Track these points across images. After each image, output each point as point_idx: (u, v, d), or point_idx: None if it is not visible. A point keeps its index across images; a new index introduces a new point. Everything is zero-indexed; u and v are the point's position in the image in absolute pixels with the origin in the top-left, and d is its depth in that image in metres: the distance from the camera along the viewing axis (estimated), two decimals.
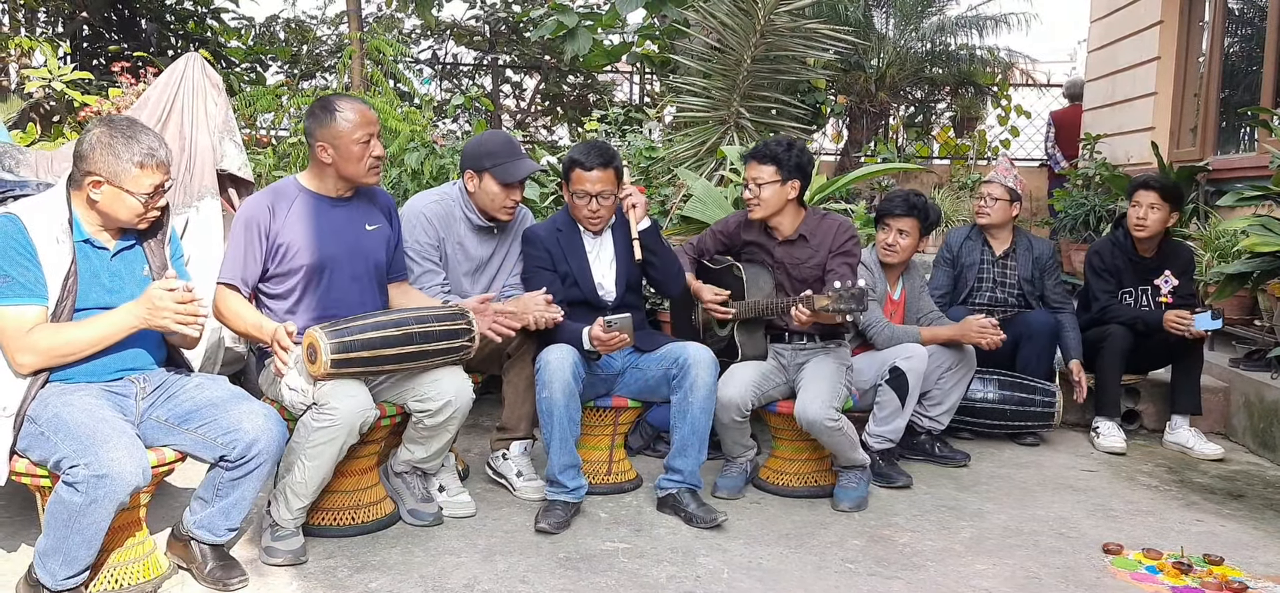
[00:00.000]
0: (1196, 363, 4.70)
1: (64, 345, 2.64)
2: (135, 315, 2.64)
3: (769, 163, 3.68)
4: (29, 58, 8.46)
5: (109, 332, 2.67)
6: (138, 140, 2.67)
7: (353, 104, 3.19)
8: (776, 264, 3.78)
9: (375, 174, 3.25)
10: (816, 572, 3.10)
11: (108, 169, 2.65)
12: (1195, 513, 3.81)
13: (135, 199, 2.68)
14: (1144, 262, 4.84)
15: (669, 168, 6.39)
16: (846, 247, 3.71)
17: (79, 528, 2.48)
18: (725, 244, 3.97)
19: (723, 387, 3.59)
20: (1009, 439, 4.69)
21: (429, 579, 2.94)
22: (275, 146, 6.49)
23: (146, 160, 2.67)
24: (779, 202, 3.72)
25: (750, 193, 3.75)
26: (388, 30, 11.38)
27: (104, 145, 2.65)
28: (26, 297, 2.62)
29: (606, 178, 3.60)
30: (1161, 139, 7.82)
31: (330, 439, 2.94)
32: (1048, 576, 3.13)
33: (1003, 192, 4.76)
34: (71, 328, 2.65)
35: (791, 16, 6.72)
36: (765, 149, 3.73)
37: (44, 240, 2.65)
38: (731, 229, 3.95)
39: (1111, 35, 9.00)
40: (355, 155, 3.17)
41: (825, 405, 3.50)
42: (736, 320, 3.79)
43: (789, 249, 3.77)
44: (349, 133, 3.14)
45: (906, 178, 9.88)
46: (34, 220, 2.65)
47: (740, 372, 3.68)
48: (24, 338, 2.60)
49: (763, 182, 3.69)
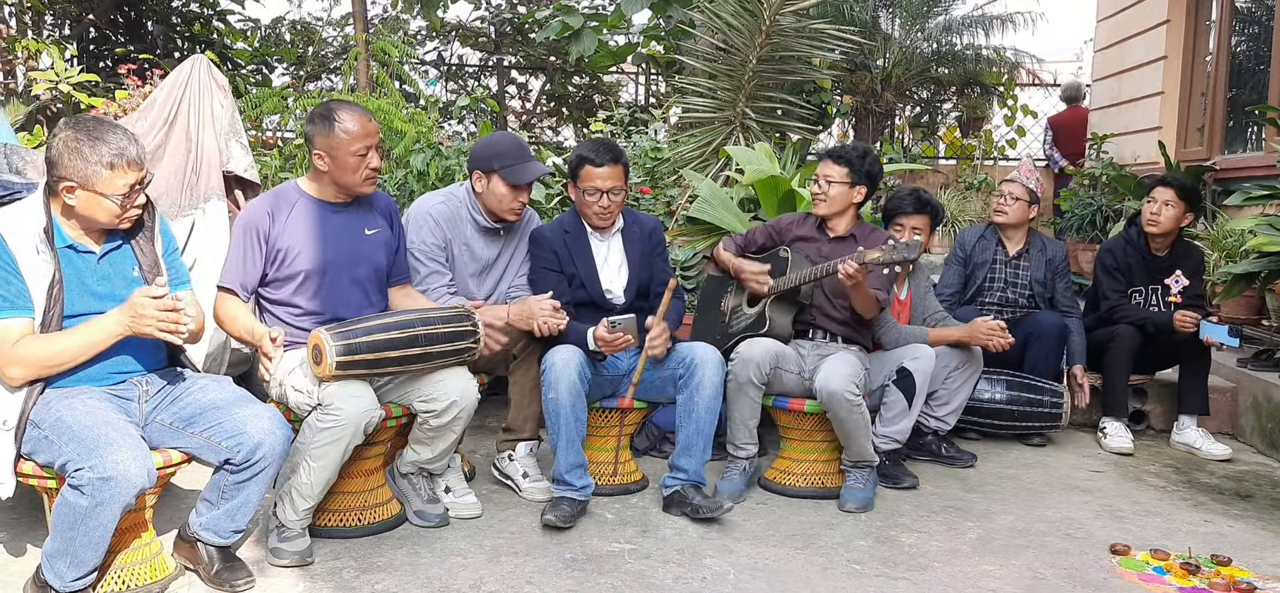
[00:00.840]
0: (1204, 363, 4.68)
1: (52, 356, 2.60)
2: (120, 322, 2.59)
3: (842, 164, 3.85)
4: (36, 60, 8.48)
5: (96, 339, 2.62)
6: (105, 141, 2.59)
7: (353, 114, 3.16)
8: (823, 259, 3.82)
9: (370, 184, 3.24)
10: (823, 573, 3.09)
11: (78, 173, 2.58)
12: (1203, 514, 3.79)
13: (110, 201, 2.61)
14: (1156, 261, 4.83)
15: (674, 169, 6.39)
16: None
17: (85, 530, 2.48)
18: (774, 239, 4.04)
19: (745, 347, 3.64)
20: (1016, 440, 4.67)
21: (435, 580, 2.94)
22: (281, 148, 6.51)
23: (117, 160, 2.59)
24: (844, 202, 3.87)
25: (819, 188, 3.88)
26: (393, 32, 11.39)
27: (72, 149, 2.57)
28: (9, 310, 2.58)
29: (616, 174, 3.63)
30: (1168, 138, 7.81)
31: (335, 440, 2.94)
32: (1054, 576, 3.12)
33: (1024, 192, 4.74)
34: (59, 338, 2.61)
35: (797, 17, 6.71)
36: (842, 151, 3.92)
37: (24, 251, 2.59)
38: (783, 226, 4.05)
39: (1118, 34, 8.98)
40: (351, 166, 3.17)
41: (846, 380, 3.52)
42: (774, 294, 3.83)
43: (838, 246, 3.84)
44: (346, 144, 3.13)
45: (913, 178, 9.87)
46: (11, 232, 2.60)
47: (763, 340, 3.72)
48: (11, 351, 2.56)
49: (833, 180, 3.85)
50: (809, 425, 3.79)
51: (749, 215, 5.23)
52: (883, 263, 3.46)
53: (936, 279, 4.86)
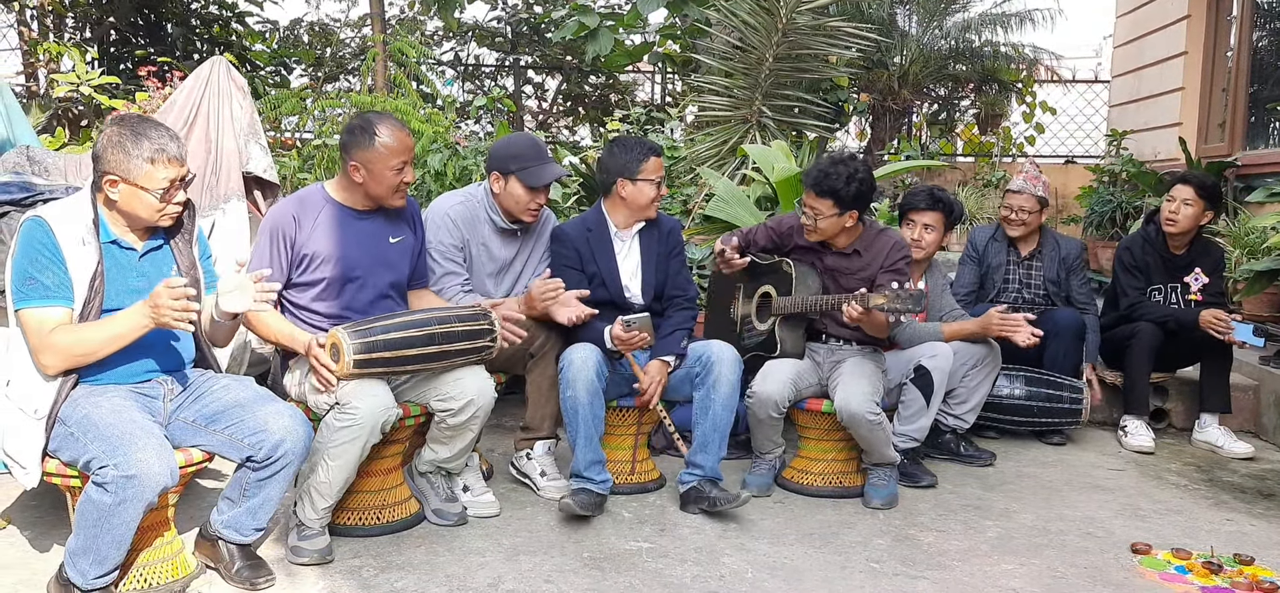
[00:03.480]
0: (1226, 361, 4.64)
1: (81, 345, 2.64)
2: (143, 314, 2.63)
3: (827, 197, 3.63)
4: (57, 63, 8.56)
5: (122, 330, 2.66)
6: (147, 137, 2.67)
7: (392, 130, 3.18)
8: (826, 270, 3.79)
9: (401, 198, 3.28)
10: (841, 571, 3.09)
11: (120, 167, 2.66)
12: (1225, 512, 3.76)
13: (151, 195, 2.69)
14: (1174, 259, 4.78)
15: (691, 167, 6.39)
16: (898, 265, 3.71)
17: (109, 528, 2.50)
18: (776, 241, 3.96)
19: (762, 382, 3.61)
20: (1035, 438, 4.65)
21: (454, 579, 2.95)
22: (300, 149, 6.54)
23: (157, 155, 2.67)
24: (835, 229, 3.72)
25: (807, 219, 3.73)
26: (410, 32, 11.43)
27: (115, 144, 2.66)
28: (50, 299, 2.63)
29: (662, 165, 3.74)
30: (1189, 135, 7.74)
31: (353, 439, 2.96)
32: (1075, 575, 3.10)
33: (1034, 203, 4.68)
34: (87, 328, 2.66)
35: (814, 14, 6.70)
36: (825, 183, 3.62)
37: (70, 243, 2.66)
38: (784, 230, 3.95)
39: (1138, 30, 8.92)
40: (388, 182, 3.20)
41: (867, 399, 3.50)
42: (781, 316, 3.80)
43: (841, 259, 3.79)
44: (385, 159, 3.17)
45: (930, 175, 9.83)
46: (60, 223, 2.67)
47: (779, 369, 3.69)
48: (46, 338, 2.62)
49: (821, 214, 3.67)
50: (826, 424, 3.78)
51: (766, 213, 5.22)
52: (887, 311, 3.36)
53: (953, 277, 4.83)
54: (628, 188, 3.68)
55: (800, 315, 3.79)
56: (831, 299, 3.61)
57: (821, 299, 3.67)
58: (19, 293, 2.63)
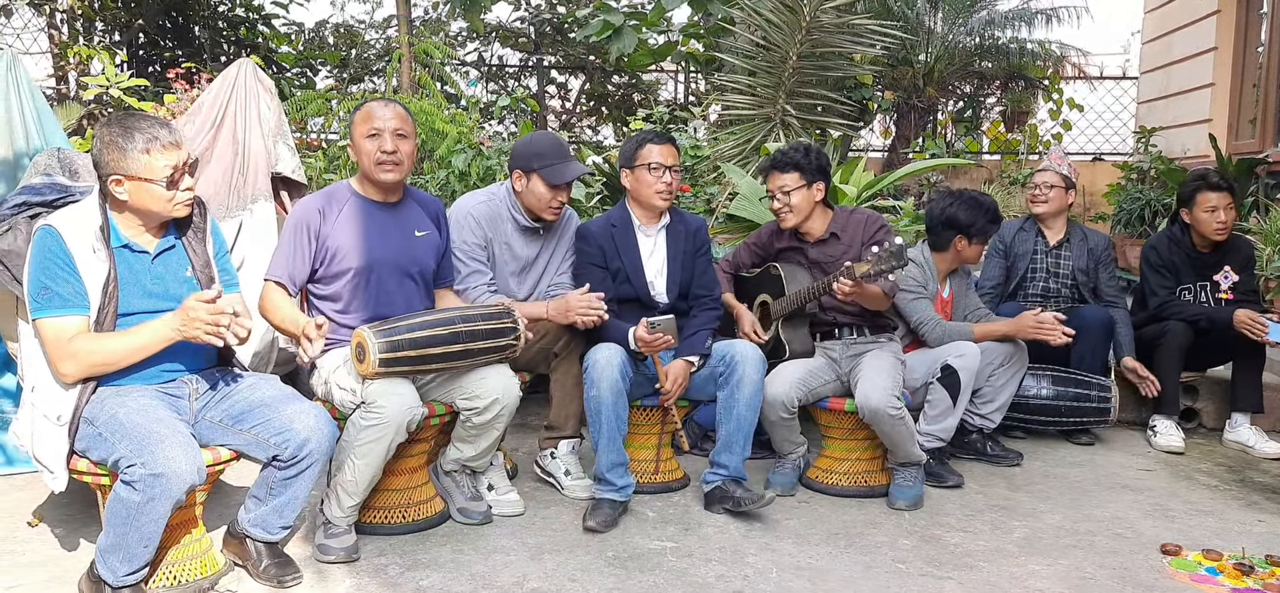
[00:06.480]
0: (1258, 360, 4.57)
1: (104, 354, 2.67)
2: (171, 326, 2.66)
3: (791, 170, 3.72)
4: (87, 66, 8.66)
5: (148, 342, 2.68)
6: (138, 130, 2.68)
7: (366, 106, 3.25)
8: (811, 264, 3.81)
9: (386, 171, 3.22)
10: (866, 572, 3.07)
11: (120, 166, 2.67)
12: (1256, 513, 3.71)
13: (157, 185, 2.69)
14: (1202, 257, 4.73)
15: (715, 166, 6.38)
16: (877, 237, 3.73)
17: (138, 526, 2.53)
18: (760, 255, 4.03)
19: (768, 385, 3.60)
20: (1062, 438, 4.61)
21: (479, 577, 2.96)
22: (325, 150, 6.58)
23: (151, 145, 2.67)
24: (808, 206, 3.76)
25: (779, 202, 3.78)
26: (434, 33, 11.47)
27: (109, 144, 2.67)
28: (65, 308, 2.65)
29: (673, 152, 3.70)
30: (1219, 131, 7.65)
31: (378, 438, 2.98)
32: (1104, 576, 3.07)
33: (1058, 179, 4.71)
34: (111, 338, 2.67)
35: (837, 12, 6.68)
36: (785, 158, 3.75)
37: (81, 250, 2.67)
38: (764, 239, 4.01)
39: (1167, 26, 8.82)
40: (367, 153, 3.23)
41: (887, 394, 3.49)
42: (780, 318, 3.79)
43: (822, 248, 3.80)
44: (359, 131, 3.23)
45: (956, 174, 9.76)
46: (70, 231, 2.68)
47: (785, 370, 3.69)
48: (65, 347, 2.64)
49: (790, 189, 3.73)
50: (850, 424, 3.76)
51: None
52: (874, 275, 3.39)
53: (977, 274, 4.80)
54: (629, 178, 3.72)
55: (799, 311, 3.80)
56: (823, 282, 3.63)
57: (814, 285, 3.69)
58: (36, 303, 2.66)
